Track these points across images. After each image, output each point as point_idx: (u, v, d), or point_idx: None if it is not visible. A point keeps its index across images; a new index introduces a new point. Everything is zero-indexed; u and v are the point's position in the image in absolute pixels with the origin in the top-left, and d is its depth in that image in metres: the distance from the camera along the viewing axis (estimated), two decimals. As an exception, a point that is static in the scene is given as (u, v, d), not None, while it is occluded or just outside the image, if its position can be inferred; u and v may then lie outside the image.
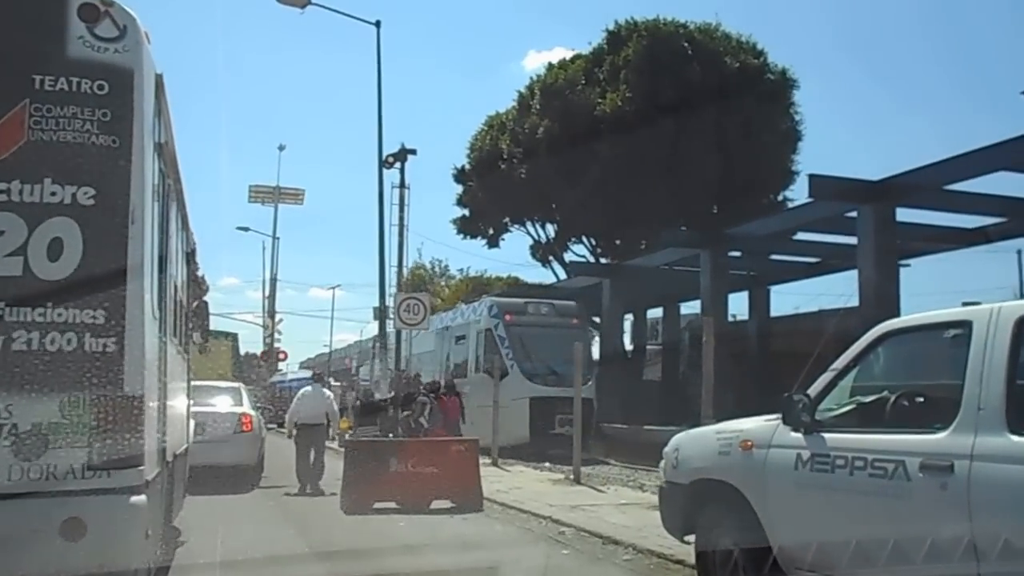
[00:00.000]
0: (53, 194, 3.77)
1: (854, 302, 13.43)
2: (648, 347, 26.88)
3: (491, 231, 27.74)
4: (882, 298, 13.08)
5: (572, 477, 11.73)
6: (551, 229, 27.00)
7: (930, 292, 34.09)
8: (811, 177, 13.91)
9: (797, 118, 24.25)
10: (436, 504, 9.31)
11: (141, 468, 3.80)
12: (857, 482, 4.02)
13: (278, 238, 40.66)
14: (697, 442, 5.32)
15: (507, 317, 17.83)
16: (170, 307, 5.29)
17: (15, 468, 3.58)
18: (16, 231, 3.70)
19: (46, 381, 3.65)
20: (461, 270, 33.95)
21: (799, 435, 4.40)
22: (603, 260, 25.30)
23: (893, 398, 4.19)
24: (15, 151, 3.76)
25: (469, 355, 18.95)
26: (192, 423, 8.39)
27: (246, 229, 39.92)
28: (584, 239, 26.40)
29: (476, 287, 29.73)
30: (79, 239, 3.76)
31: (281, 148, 47.13)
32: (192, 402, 8.25)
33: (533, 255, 28.03)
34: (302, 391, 12.69)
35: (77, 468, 3.64)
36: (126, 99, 3.91)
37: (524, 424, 15.93)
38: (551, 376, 16.07)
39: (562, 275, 26.66)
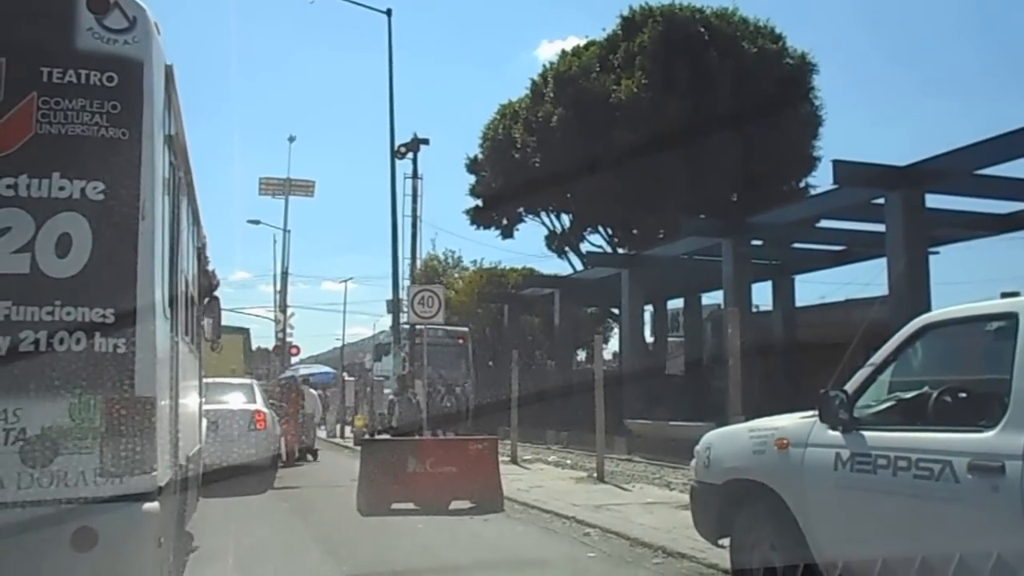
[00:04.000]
0: (61, 189, 3.68)
1: (877, 291, 13.17)
2: (669, 339, 26.66)
3: (505, 221, 27.55)
4: (912, 287, 12.81)
5: (596, 475, 11.53)
6: (566, 219, 26.78)
7: (961, 280, 33.51)
8: (836, 163, 13.57)
9: (817, 103, 23.89)
10: (455, 504, 9.13)
11: (154, 473, 3.67)
12: (901, 483, 3.85)
13: (289, 231, 40.64)
14: (730, 441, 5.15)
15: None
16: (182, 304, 5.17)
17: (24, 475, 3.46)
18: (23, 227, 3.60)
19: (55, 383, 3.53)
20: (475, 261, 33.63)
21: (837, 433, 4.24)
22: (620, 250, 25.05)
23: (935, 394, 4.02)
24: (22, 145, 3.68)
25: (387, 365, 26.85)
26: (204, 422, 8.26)
27: (257, 222, 39.77)
28: (600, 229, 26.16)
29: (490, 279, 29.47)
30: (88, 235, 3.66)
31: (291, 139, 46.92)
32: (204, 400, 8.13)
33: (548, 245, 27.82)
34: None
35: (88, 474, 3.52)
36: (136, 91, 3.82)
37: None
38: (438, 378, 21.61)
39: (578, 265, 26.44)
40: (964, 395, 4.02)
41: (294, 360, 39.51)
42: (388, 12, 19.68)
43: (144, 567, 3.62)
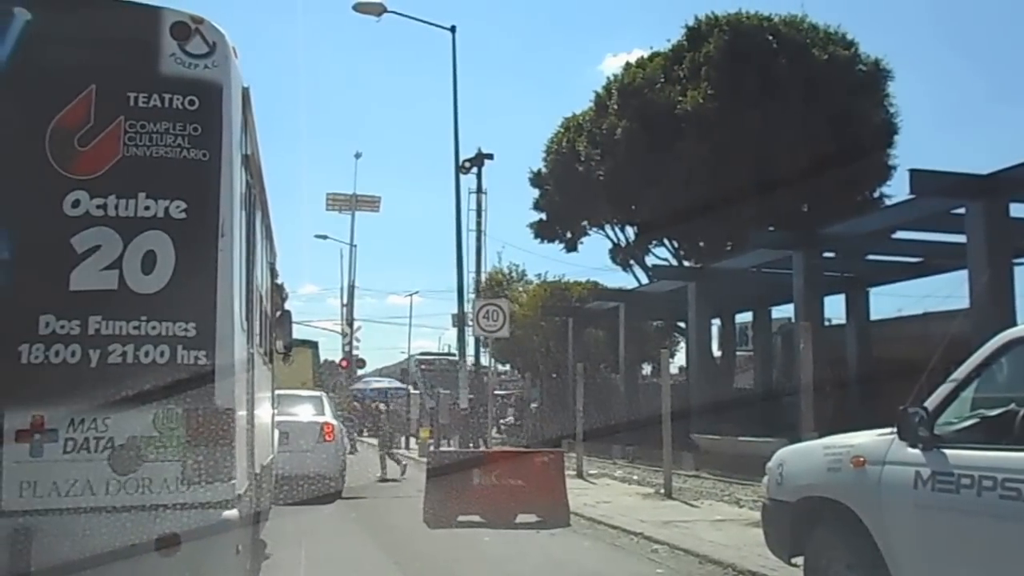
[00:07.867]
0: (147, 208, 3.83)
1: (957, 304, 12.60)
2: (738, 353, 26.09)
3: (569, 235, 27.46)
4: (996, 300, 12.25)
5: (663, 491, 11.36)
6: (631, 232, 26.52)
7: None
8: (913, 172, 13.09)
9: (892, 110, 23.06)
10: (521, 518, 9.11)
11: (233, 481, 3.79)
12: (986, 504, 3.68)
13: (355, 246, 41.25)
14: (803, 457, 5.03)
15: (423, 365, 34.03)
16: (256, 318, 5.32)
17: (112, 482, 3.61)
18: (112, 245, 3.77)
19: (141, 394, 3.67)
20: (539, 275, 33.56)
21: (917, 451, 4.08)
22: (686, 263, 24.68)
23: (1023, 412, 3.82)
24: (111, 167, 3.84)
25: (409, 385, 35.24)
26: (276, 433, 8.46)
27: (324, 237, 40.46)
28: (665, 241, 25.78)
29: (555, 292, 29.40)
30: (172, 252, 3.80)
31: (357, 156, 47.60)
32: (275, 411, 8.33)
33: (612, 259, 27.58)
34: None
35: (171, 482, 3.66)
36: (216, 113, 3.97)
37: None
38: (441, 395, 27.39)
39: (643, 279, 26.16)
40: (1053, 413, 3.84)
41: (359, 372, 40.14)
42: (452, 29, 19.94)
43: (224, 571, 3.74)
